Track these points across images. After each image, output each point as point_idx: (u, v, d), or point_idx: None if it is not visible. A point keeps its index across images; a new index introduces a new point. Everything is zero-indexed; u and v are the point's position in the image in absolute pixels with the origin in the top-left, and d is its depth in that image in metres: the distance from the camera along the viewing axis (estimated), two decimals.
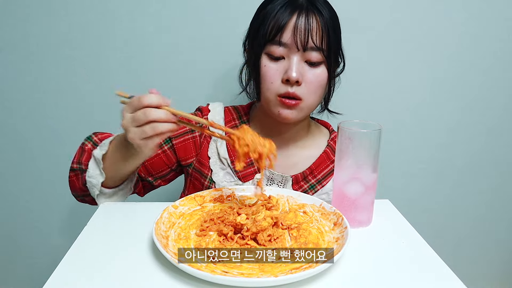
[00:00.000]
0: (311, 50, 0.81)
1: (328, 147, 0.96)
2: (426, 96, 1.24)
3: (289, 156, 0.94)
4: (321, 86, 0.84)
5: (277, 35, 0.80)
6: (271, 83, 0.83)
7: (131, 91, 0.68)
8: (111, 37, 1.16)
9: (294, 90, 0.81)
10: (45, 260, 1.35)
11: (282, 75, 0.82)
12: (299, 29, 0.79)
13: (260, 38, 0.83)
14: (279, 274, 0.53)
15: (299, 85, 0.82)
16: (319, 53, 0.81)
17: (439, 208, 1.35)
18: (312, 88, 0.83)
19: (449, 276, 0.57)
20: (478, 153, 1.30)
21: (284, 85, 0.82)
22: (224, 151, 0.92)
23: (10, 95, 1.20)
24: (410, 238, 0.67)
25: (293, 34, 0.79)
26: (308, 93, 0.83)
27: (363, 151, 0.67)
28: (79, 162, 0.82)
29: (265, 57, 0.83)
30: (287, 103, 0.82)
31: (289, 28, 0.80)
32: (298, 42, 0.79)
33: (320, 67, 0.83)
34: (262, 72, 0.84)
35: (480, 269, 1.43)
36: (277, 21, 0.80)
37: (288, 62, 0.81)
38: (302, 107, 0.84)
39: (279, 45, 0.81)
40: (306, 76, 0.82)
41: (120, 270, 0.56)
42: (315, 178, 0.93)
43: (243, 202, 0.75)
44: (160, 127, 0.65)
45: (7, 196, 1.29)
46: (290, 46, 0.80)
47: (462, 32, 1.19)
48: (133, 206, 0.78)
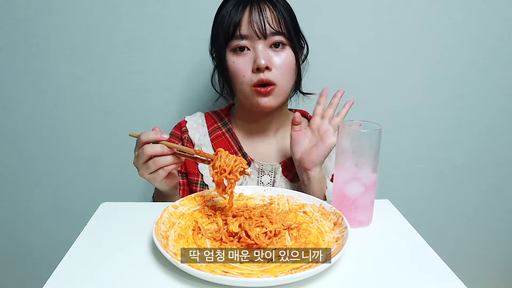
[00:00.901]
0: (272, 35, 0.84)
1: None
2: (426, 96, 1.24)
3: (274, 146, 0.98)
4: (291, 68, 0.87)
5: (236, 30, 0.84)
6: (243, 76, 0.86)
7: (131, 91, 0.68)
8: (111, 37, 1.16)
9: (266, 76, 0.84)
10: (45, 260, 1.35)
11: (251, 66, 0.85)
12: (254, 20, 0.83)
13: (221, 39, 0.87)
14: (279, 274, 0.53)
15: (269, 70, 0.84)
16: (281, 36, 0.85)
17: (439, 208, 1.35)
18: (282, 71, 0.86)
19: (449, 276, 0.57)
20: (478, 153, 1.30)
21: (255, 74, 0.85)
22: (211, 152, 0.94)
23: (10, 95, 1.20)
24: (410, 238, 0.67)
25: (250, 26, 0.83)
26: (281, 77, 0.86)
27: (363, 151, 0.67)
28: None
29: (231, 54, 0.87)
30: (262, 92, 0.85)
31: (245, 22, 0.84)
32: (256, 30, 0.83)
33: (285, 50, 0.86)
34: (232, 68, 0.87)
35: (480, 269, 1.43)
36: (232, 19, 0.84)
37: (254, 52, 0.84)
38: (277, 92, 0.87)
39: (240, 39, 0.84)
40: (274, 60, 0.85)
41: (120, 270, 0.56)
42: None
43: (246, 205, 0.75)
44: (161, 161, 0.72)
45: (7, 196, 1.29)
46: (251, 36, 0.84)
47: (462, 32, 1.19)
48: (133, 206, 0.78)
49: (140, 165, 0.74)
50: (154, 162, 0.72)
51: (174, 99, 1.21)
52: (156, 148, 0.72)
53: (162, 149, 0.72)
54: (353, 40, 1.19)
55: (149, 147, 0.71)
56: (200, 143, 0.97)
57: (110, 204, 0.79)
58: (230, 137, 0.97)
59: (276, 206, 0.76)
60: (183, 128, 0.99)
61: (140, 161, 0.73)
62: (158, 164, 0.72)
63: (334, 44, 1.18)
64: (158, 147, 0.72)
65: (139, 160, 0.73)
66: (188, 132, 0.97)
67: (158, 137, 0.72)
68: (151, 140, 0.72)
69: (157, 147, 0.72)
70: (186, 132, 0.98)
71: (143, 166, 0.73)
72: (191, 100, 1.22)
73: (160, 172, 0.73)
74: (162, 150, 0.72)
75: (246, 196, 0.79)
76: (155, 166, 0.72)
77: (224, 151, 0.73)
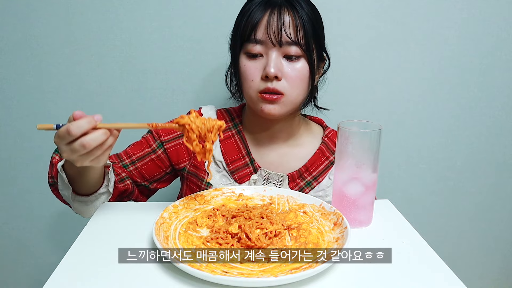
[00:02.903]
0: (288, 44, 0.81)
1: (322, 143, 0.95)
2: (426, 96, 1.24)
3: (283, 155, 0.94)
4: (302, 80, 0.84)
5: (252, 33, 0.82)
6: (251, 81, 0.84)
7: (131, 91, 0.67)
8: (111, 37, 1.16)
9: (274, 86, 0.82)
10: (45, 260, 1.35)
11: (261, 73, 0.83)
12: (271, 25, 0.80)
13: (237, 38, 0.85)
14: (279, 274, 0.53)
15: (278, 80, 0.82)
16: (297, 47, 0.82)
17: (439, 208, 1.35)
18: (293, 83, 0.83)
19: (449, 276, 0.57)
20: (478, 153, 1.30)
21: (263, 82, 0.83)
22: (219, 153, 0.92)
23: (10, 95, 1.20)
24: (410, 238, 0.67)
25: (266, 30, 0.80)
26: (290, 88, 0.83)
27: (363, 151, 0.67)
28: (52, 176, 0.82)
29: (244, 56, 0.85)
30: (268, 98, 0.83)
31: (262, 25, 0.81)
32: (271, 37, 0.80)
33: (300, 61, 0.83)
34: (242, 71, 0.85)
35: (480, 269, 1.43)
36: (251, 19, 0.82)
37: (266, 58, 0.82)
38: (284, 102, 0.84)
39: (255, 43, 0.82)
40: (285, 70, 0.82)
41: (120, 270, 0.56)
42: (311, 175, 0.93)
43: (246, 205, 0.75)
44: (107, 143, 0.63)
45: (7, 196, 1.29)
46: (266, 43, 0.81)
47: (462, 32, 1.19)
48: (133, 206, 0.78)
49: (76, 157, 0.62)
50: (99, 149, 0.63)
51: (174, 99, 1.21)
52: (99, 138, 0.62)
53: (106, 135, 0.63)
54: (353, 40, 1.19)
55: (91, 141, 0.61)
56: None
57: (110, 204, 0.79)
58: (239, 140, 0.94)
59: (276, 206, 0.75)
60: None
61: (77, 154, 0.62)
62: (104, 147, 0.63)
63: (334, 44, 1.18)
64: (101, 135, 0.62)
65: (75, 154, 0.62)
66: None
67: (93, 124, 0.62)
68: (88, 130, 0.61)
69: (100, 136, 0.62)
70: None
71: (83, 157, 0.63)
72: (191, 101, 1.22)
73: (106, 153, 0.65)
74: (106, 136, 0.63)
75: (246, 196, 0.79)
76: (101, 151, 0.63)
77: (190, 117, 0.69)
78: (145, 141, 0.93)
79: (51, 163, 0.83)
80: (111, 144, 0.65)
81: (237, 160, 0.92)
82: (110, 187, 0.80)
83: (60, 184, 0.77)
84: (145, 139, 0.93)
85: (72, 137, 0.61)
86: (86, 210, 0.80)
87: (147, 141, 0.92)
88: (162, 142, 0.92)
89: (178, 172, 0.96)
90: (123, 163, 0.91)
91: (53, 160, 0.83)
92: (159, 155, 0.92)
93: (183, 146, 0.92)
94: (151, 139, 0.92)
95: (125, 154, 0.92)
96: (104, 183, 0.79)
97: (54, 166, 0.81)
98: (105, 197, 0.80)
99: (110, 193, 0.81)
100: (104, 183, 0.79)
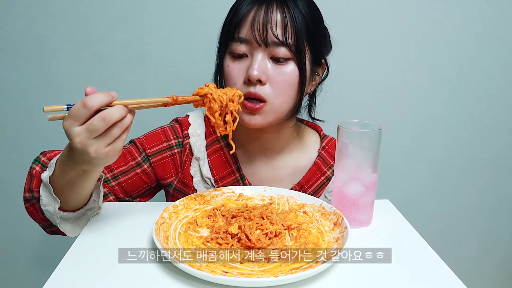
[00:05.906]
0: (275, 45, 0.73)
1: (319, 157, 0.88)
2: (426, 96, 1.24)
3: (276, 169, 0.88)
4: (290, 86, 0.75)
5: (236, 31, 0.74)
6: (234, 84, 0.76)
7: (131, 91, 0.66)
8: (111, 37, 1.16)
9: (257, 90, 0.74)
10: (45, 260, 1.35)
11: (244, 75, 0.75)
12: (256, 22, 0.72)
13: (222, 36, 0.78)
14: (279, 274, 0.53)
15: (262, 84, 0.74)
16: (285, 49, 0.73)
17: (439, 208, 1.35)
18: (278, 88, 0.74)
19: (449, 276, 0.57)
20: (478, 153, 1.30)
21: (246, 86, 0.75)
22: (207, 170, 0.85)
23: (10, 95, 1.20)
24: (410, 238, 0.67)
25: (251, 28, 0.72)
26: (275, 94, 0.75)
27: (363, 151, 0.67)
28: (30, 190, 0.71)
29: (228, 56, 0.77)
30: (248, 107, 0.74)
31: (247, 22, 0.73)
32: (256, 35, 0.72)
33: (289, 64, 0.74)
34: (225, 73, 0.78)
35: (480, 269, 1.43)
36: (236, 16, 0.74)
37: (251, 60, 0.74)
38: (267, 111, 0.75)
39: (239, 42, 0.74)
40: (271, 74, 0.74)
41: (120, 270, 0.56)
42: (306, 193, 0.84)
43: (246, 205, 0.75)
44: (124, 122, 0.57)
45: (7, 196, 1.29)
46: (250, 42, 0.73)
47: (462, 32, 1.19)
48: (133, 206, 0.78)
49: (91, 141, 0.55)
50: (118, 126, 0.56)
51: None
52: (121, 110, 0.55)
53: (125, 110, 0.56)
54: (353, 40, 1.19)
55: (112, 113, 0.54)
56: (198, 156, 0.85)
57: (110, 204, 0.79)
58: (228, 153, 0.86)
59: (276, 206, 0.75)
60: (184, 132, 0.86)
61: (92, 136, 0.54)
62: (122, 126, 0.56)
63: (334, 44, 1.18)
64: (121, 109, 0.56)
65: (91, 134, 0.54)
66: (190, 139, 0.85)
67: (110, 98, 0.56)
68: (105, 104, 0.55)
69: (120, 109, 0.55)
70: (188, 137, 0.85)
71: (100, 140, 0.55)
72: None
73: (124, 136, 0.58)
74: (125, 111, 0.56)
75: (246, 196, 0.78)
76: (120, 129, 0.56)
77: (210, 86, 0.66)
78: (128, 153, 0.83)
79: (30, 175, 0.73)
80: (129, 126, 0.58)
81: (226, 176, 0.86)
82: (100, 202, 0.71)
83: (44, 198, 0.66)
84: (128, 151, 0.83)
85: (88, 111, 0.54)
86: (70, 228, 0.70)
87: (131, 154, 0.83)
88: (148, 155, 0.84)
89: (163, 187, 0.90)
90: (104, 178, 0.80)
91: (33, 171, 0.73)
92: (144, 169, 0.84)
93: (170, 160, 0.85)
94: (135, 151, 0.84)
95: (106, 168, 0.81)
96: (92, 197, 0.70)
97: (35, 178, 0.71)
98: (90, 214, 0.71)
99: (98, 209, 0.72)
100: (93, 197, 0.70)
